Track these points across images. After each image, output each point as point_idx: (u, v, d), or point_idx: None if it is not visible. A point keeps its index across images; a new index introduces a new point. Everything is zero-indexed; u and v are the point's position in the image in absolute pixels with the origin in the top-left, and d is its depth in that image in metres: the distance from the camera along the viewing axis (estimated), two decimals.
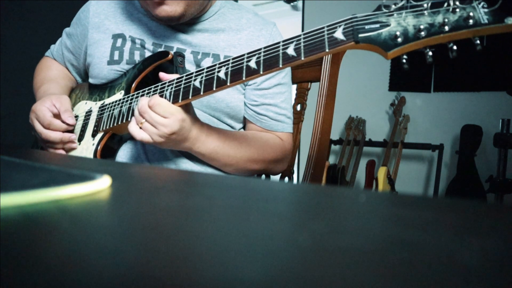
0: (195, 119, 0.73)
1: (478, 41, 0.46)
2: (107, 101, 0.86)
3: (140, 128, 0.69)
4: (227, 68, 0.63)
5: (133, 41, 0.87)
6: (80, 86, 1.01)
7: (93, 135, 0.85)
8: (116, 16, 0.90)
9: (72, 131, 0.88)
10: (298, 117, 1.00)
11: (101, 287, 0.12)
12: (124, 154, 0.85)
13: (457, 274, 0.14)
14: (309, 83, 0.98)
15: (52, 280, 0.13)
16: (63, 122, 0.84)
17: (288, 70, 0.92)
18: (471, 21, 0.44)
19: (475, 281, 0.13)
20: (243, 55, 0.62)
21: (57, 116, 0.84)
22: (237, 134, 0.83)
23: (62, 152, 0.86)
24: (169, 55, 0.78)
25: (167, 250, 0.16)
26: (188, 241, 0.18)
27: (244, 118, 0.91)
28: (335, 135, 2.94)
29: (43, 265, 0.14)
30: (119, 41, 0.88)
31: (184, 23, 0.85)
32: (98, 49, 0.90)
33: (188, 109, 0.70)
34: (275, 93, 0.88)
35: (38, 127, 0.84)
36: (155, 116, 0.67)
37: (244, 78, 0.61)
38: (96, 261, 0.15)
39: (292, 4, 3.51)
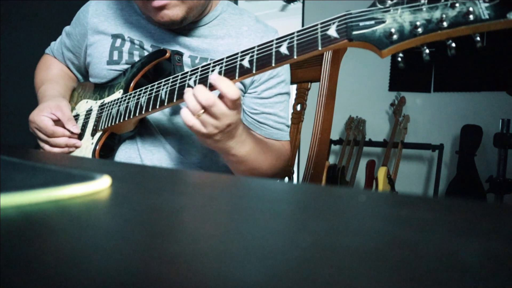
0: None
1: (478, 38, 0.43)
2: (107, 100, 0.86)
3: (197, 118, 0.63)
4: (220, 67, 0.62)
5: (132, 42, 0.87)
6: (82, 85, 1.01)
7: (92, 134, 0.85)
8: (115, 18, 0.90)
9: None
10: (298, 117, 1.00)
11: (101, 287, 0.12)
12: (122, 154, 0.85)
13: (457, 274, 0.14)
14: (309, 83, 0.98)
15: (52, 280, 0.13)
16: (67, 130, 0.84)
17: (287, 79, 0.91)
18: (471, 17, 0.41)
19: (475, 281, 0.13)
20: (237, 53, 0.61)
21: (58, 122, 0.85)
22: (260, 138, 0.82)
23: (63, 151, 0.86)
24: (167, 53, 0.78)
25: (167, 250, 0.16)
26: (188, 241, 0.18)
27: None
28: (335, 135, 2.94)
29: (43, 265, 0.14)
30: (118, 41, 0.88)
31: (184, 28, 0.84)
32: (97, 49, 0.90)
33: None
34: (275, 102, 0.88)
35: (43, 137, 0.85)
36: (223, 107, 0.61)
37: (237, 78, 0.60)
38: (96, 261, 0.14)
39: (292, 3, 3.51)
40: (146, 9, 0.78)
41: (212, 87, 0.63)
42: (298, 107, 1.00)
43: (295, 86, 1.01)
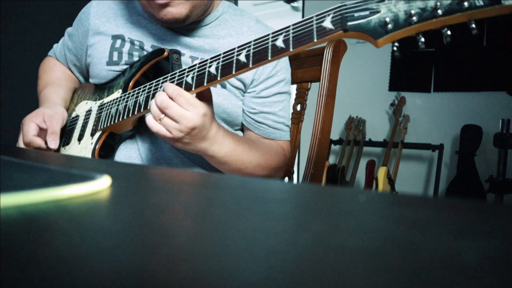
0: (213, 118, 0.69)
1: (473, 25, 0.42)
2: (106, 100, 0.86)
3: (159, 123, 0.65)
4: (217, 63, 0.62)
5: (132, 42, 0.87)
6: (82, 86, 1.01)
7: (92, 134, 0.85)
8: (116, 18, 0.90)
9: (67, 138, 0.88)
10: (298, 117, 1.00)
11: (101, 287, 0.12)
12: (122, 153, 0.85)
13: (457, 274, 0.14)
14: (309, 83, 0.98)
15: (52, 280, 0.13)
16: (45, 143, 0.82)
17: (287, 78, 0.91)
18: (466, 4, 0.41)
19: (475, 281, 0.13)
20: (234, 49, 0.61)
21: (44, 131, 0.83)
22: (246, 138, 0.82)
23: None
24: (165, 52, 0.78)
25: (167, 250, 0.16)
26: (188, 241, 0.18)
27: (242, 124, 0.91)
28: (335, 135, 2.94)
29: (43, 265, 0.14)
30: (118, 42, 0.88)
31: (185, 28, 0.84)
32: (97, 49, 0.90)
33: (209, 105, 0.67)
34: (274, 101, 0.88)
35: (20, 143, 0.83)
36: (178, 109, 0.63)
37: (234, 73, 0.60)
38: (96, 261, 0.15)
39: (292, 4, 3.51)
40: (149, 6, 0.79)
41: (190, 90, 0.65)
42: (298, 107, 1.00)
43: (295, 86, 1.02)
